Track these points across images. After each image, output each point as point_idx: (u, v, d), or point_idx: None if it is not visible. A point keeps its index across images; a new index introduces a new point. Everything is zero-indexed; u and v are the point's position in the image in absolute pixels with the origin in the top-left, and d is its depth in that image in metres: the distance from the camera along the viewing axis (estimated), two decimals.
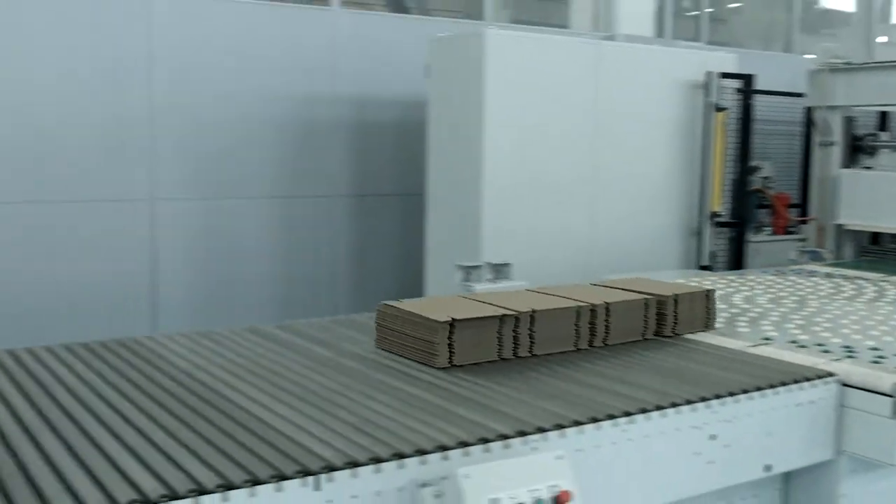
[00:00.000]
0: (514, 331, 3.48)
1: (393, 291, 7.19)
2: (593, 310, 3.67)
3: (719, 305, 4.44)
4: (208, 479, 2.26)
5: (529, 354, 3.53)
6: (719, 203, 7.54)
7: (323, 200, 7.48)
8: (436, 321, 3.33)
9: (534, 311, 3.51)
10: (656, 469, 2.93)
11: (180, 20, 6.70)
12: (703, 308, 4.03)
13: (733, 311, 4.59)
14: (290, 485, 2.30)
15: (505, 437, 2.61)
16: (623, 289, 4.00)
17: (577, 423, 2.76)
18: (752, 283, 5.53)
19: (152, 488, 2.20)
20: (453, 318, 3.35)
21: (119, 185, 6.55)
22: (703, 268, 7.43)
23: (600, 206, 7.01)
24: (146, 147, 6.63)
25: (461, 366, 3.39)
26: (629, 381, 3.22)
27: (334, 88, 7.42)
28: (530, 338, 3.53)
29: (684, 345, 3.81)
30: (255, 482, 2.27)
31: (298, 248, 7.40)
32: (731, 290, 5.25)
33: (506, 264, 5.09)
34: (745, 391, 3.15)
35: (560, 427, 2.72)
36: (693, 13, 10.57)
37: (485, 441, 2.57)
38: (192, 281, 6.92)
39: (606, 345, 3.70)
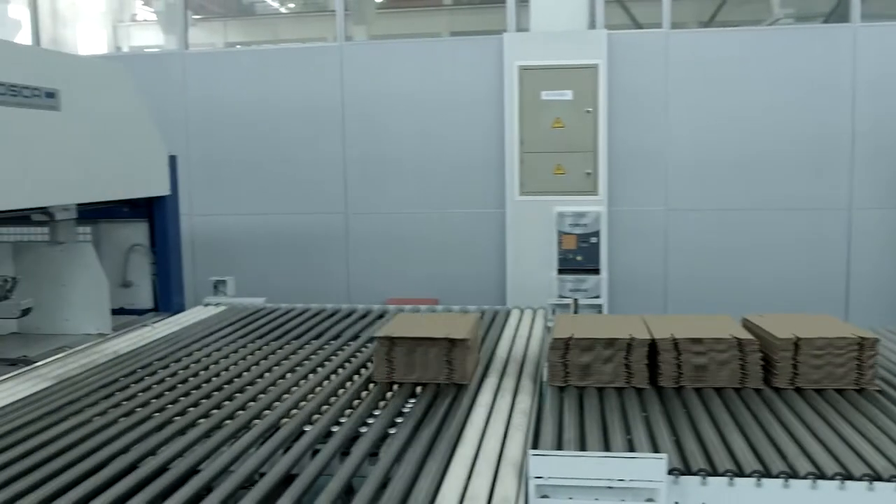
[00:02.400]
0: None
1: None
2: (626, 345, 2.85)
3: None
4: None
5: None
6: None
7: None
8: (382, 337, 3.02)
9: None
10: None
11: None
12: (850, 360, 2.77)
13: None
14: None
15: None
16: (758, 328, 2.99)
17: None
18: None
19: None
20: (392, 336, 2.99)
21: (822, 197, 6.36)
22: None
23: None
24: (847, 163, 6.33)
25: None
26: None
27: None
28: None
29: None
30: None
31: None
32: None
33: None
34: None
35: None
36: None
37: None
38: (883, 283, 6.41)
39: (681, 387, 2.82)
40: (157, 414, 2.74)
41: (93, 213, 4.65)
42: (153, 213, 4.92)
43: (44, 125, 3.84)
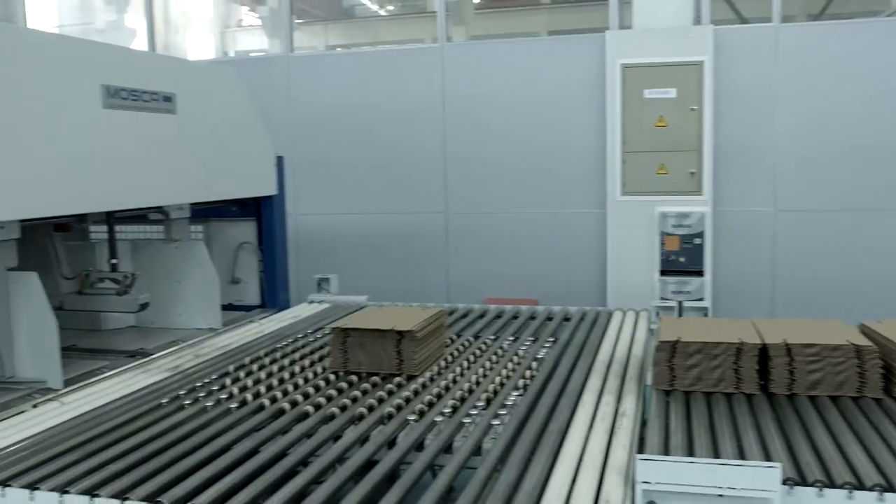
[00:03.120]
0: None
1: None
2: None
3: None
4: None
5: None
6: None
7: None
8: (337, 328, 3.20)
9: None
10: None
11: None
12: None
13: None
14: None
15: None
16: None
17: None
18: None
19: None
20: (346, 328, 3.17)
21: None
22: None
23: None
24: None
25: None
26: None
27: None
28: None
29: None
30: None
31: None
32: None
33: None
34: None
35: None
36: None
37: None
38: None
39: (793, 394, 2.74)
40: (267, 405, 2.83)
41: (204, 212, 4.82)
42: (261, 212, 5.07)
43: (161, 128, 4.01)
